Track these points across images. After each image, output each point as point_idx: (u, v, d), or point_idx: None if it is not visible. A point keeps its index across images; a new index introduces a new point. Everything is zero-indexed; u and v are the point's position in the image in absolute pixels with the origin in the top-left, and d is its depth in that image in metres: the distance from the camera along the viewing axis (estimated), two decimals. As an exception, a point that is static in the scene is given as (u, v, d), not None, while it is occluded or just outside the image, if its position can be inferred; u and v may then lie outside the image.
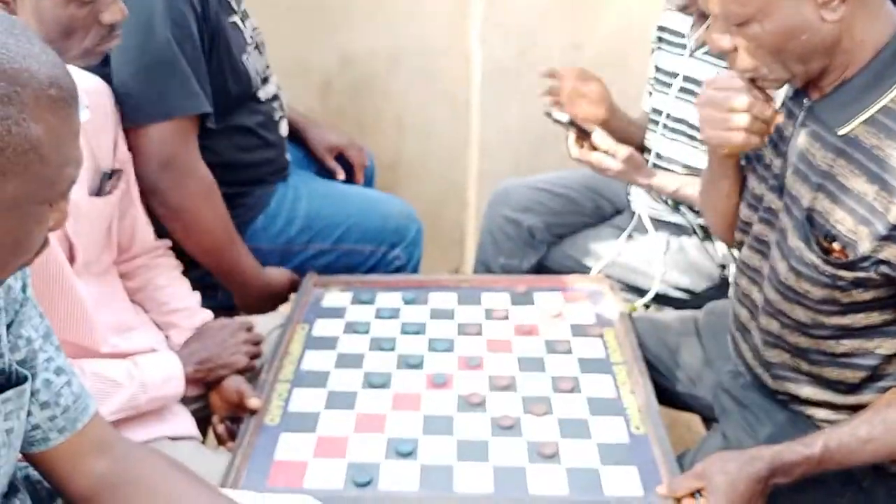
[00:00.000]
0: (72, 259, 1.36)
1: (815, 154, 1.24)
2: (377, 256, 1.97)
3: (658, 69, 1.98)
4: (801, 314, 1.28)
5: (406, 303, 1.76)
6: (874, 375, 1.28)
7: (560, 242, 2.09)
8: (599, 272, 1.99)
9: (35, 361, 0.97)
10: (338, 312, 1.73)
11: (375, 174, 2.34)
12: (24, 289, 0.97)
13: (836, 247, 1.19)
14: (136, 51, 1.55)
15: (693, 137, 1.86)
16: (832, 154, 1.21)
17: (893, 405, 1.19)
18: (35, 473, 1.08)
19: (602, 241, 2.04)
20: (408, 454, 1.33)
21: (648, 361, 1.58)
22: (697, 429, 2.28)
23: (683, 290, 1.96)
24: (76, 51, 1.29)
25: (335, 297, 1.79)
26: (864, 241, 1.15)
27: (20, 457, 1.02)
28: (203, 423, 1.52)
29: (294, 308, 1.73)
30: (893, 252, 1.13)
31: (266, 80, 1.88)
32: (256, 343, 1.57)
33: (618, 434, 1.38)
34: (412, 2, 2.67)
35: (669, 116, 1.91)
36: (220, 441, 1.49)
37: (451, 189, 2.96)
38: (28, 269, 0.98)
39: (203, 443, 1.47)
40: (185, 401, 1.46)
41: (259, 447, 1.35)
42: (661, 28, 1.97)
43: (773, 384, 1.39)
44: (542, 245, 2.07)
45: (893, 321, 1.24)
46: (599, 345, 1.62)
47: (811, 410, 1.36)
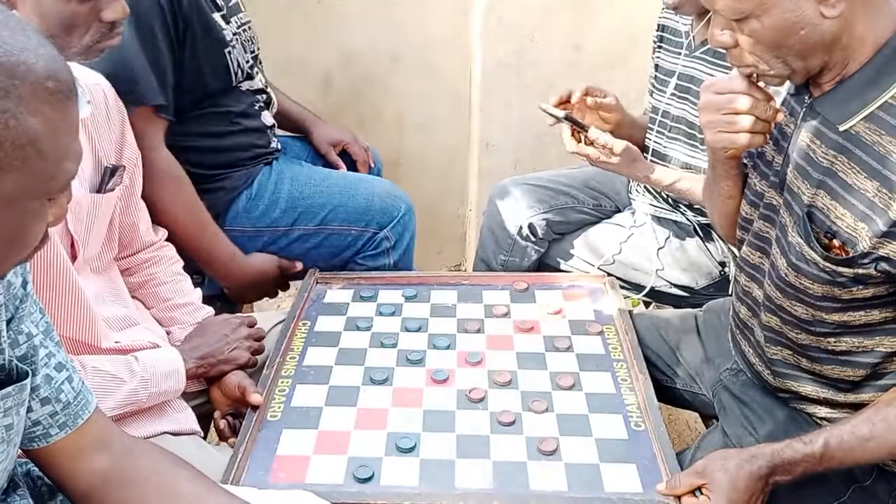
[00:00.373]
0: (73, 255, 1.37)
1: (816, 151, 1.24)
2: (364, 238, 1.96)
3: (657, 68, 1.98)
4: (801, 311, 1.28)
5: (407, 299, 1.77)
6: (875, 373, 1.28)
7: (561, 240, 2.09)
8: (600, 269, 1.99)
9: (35, 357, 0.97)
10: (339, 309, 1.73)
11: (381, 174, 2.34)
12: (25, 284, 0.97)
13: (837, 243, 1.19)
14: None
15: (692, 137, 1.86)
16: (833, 150, 1.21)
17: (894, 404, 1.19)
18: (36, 469, 1.08)
19: (602, 239, 2.04)
20: (409, 450, 1.33)
21: (648, 359, 1.58)
22: (697, 426, 2.28)
23: (683, 288, 1.96)
24: (76, 47, 1.28)
25: (337, 294, 1.79)
26: (865, 238, 1.15)
27: (20, 453, 1.02)
28: (205, 419, 1.52)
29: (296, 304, 1.74)
30: (893, 249, 1.13)
31: (251, 76, 1.88)
32: (258, 339, 1.58)
33: (618, 431, 1.38)
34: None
35: (668, 116, 1.91)
36: (222, 437, 1.49)
37: (452, 186, 2.96)
38: (28, 265, 0.98)
39: (205, 438, 1.47)
40: (187, 396, 1.47)
41: (261, 443, 1.36)
42: (661, 28, 1.97)
43: (774, 381, 1.39)
44: (543, 242, 2.07)
45: (893, 319, 1.24)
46: (599, 342, 1.62)
47: (811, 408, 1.36)
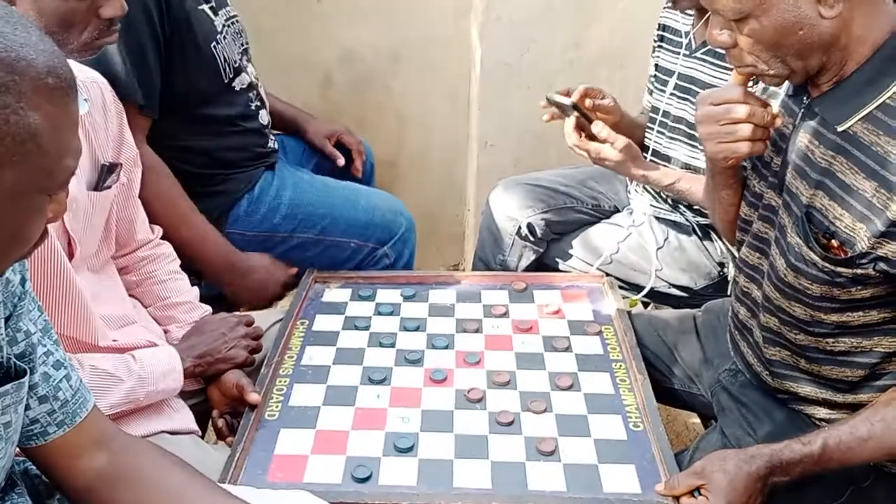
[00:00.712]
0: (70, 254, 1.36)
1: (815, 151, 1.24)
2: (364, 252, 1.96)
3: (657, 68, 1.97)
4: (800, 311, 1.28)
5: (406, 299, 1.77)
6: (873, 374, 1.28)
7: (559, 240, 2.09)
8: (598, 270, 1.99)
9: (33, 355, 0.97)
10: (338, 308, 1.73)
11: (375, 170, 2.34)
12: (23, 282, 0.97)
13: (835, 243, 1.19)
14: None
15: (692, 137, 1.85)
16: (831, 151, 1.21)
17: (893, 404, 1.19)
18: (34, 468, 1.08)
19: (601, 239, 2.03)
20: (407, 450, 1.33)
21: (647, 359, 1.58)
22: (696, 427, 2.28)
23: (682, 288, 1.96)
24: (74, 44, 1.28)
25: (335, 293, 1.79)
26: (863, 238, 1.15)
27: (19, 451, 1.02)
28: (202, 418, 1.51)
29: (294, 303, 1.73)
30: (892, 249, 1.13)
31: (239, 70, 1.87)
32: (256, 338, 1.57)
33: (616, 431, 1.38)
34: (413, -3, 2.68)
35: (668, 116, 1.91)
36: (220, 436, 1.49)
37: (451, 185, 2.96)
38: (27, 263, 0.98)
39: (202, 437, 1.47)
40: (185, 395, 1.46)
41: (258, 442, 1.36)
42: (662, 27, 1.97)
43: (773, 382, 1.39)
44: (542, 242, 2.07)
45: (892, 320, 1.24)
46: (598, 342, 1.62)
47: (810, 409, 1.36)
